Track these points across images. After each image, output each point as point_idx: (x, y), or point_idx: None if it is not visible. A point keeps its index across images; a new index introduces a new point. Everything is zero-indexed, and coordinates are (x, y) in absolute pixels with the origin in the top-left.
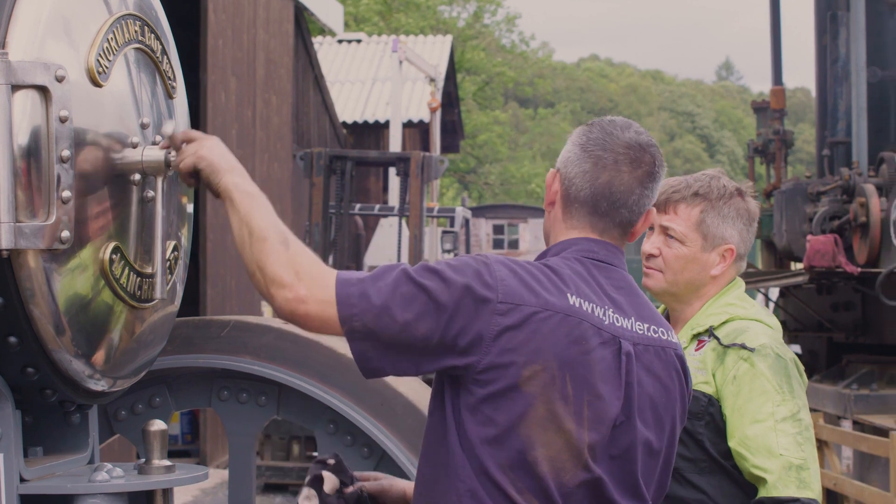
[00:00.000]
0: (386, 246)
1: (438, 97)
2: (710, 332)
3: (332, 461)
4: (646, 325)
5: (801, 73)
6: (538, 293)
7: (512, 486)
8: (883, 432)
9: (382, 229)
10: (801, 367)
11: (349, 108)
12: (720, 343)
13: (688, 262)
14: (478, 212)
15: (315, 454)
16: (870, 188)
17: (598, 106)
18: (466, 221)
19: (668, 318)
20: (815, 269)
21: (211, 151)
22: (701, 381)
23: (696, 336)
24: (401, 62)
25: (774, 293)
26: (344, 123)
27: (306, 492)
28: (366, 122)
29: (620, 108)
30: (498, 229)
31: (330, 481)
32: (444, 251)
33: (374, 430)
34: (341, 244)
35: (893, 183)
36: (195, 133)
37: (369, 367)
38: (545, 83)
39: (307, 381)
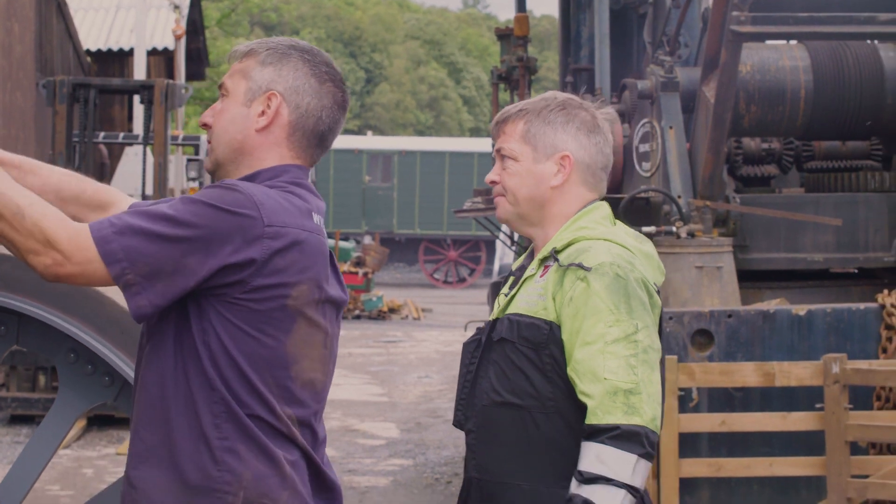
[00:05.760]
0: (131, 175)
1: (183, 24)
2: (552, 254)
3: None
4: None
5: (548, 1)
6: (295, 215)
7: (276, 403)
8: None
9: (128, 158)
10: (652, 288)
11: (93, 35)
12: (560, 265)
13: (523, 177)
14: None
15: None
16: (612, 114)
17: (345, 34)
18: None
19: (532, 252)
20: None
21: None
22: (541, 307)
23: (543, 261)
24: None
25: None
26: (88, 51)
27: None
28: (110, 50)
29: (367, 35)
30: None
31: None
32: (189, 179)
33: (114, 358)
34: (85, 173)
35: (635, 110)
36: None
37: (143, 313)
38: (290, 9)
39: (46, 310)
